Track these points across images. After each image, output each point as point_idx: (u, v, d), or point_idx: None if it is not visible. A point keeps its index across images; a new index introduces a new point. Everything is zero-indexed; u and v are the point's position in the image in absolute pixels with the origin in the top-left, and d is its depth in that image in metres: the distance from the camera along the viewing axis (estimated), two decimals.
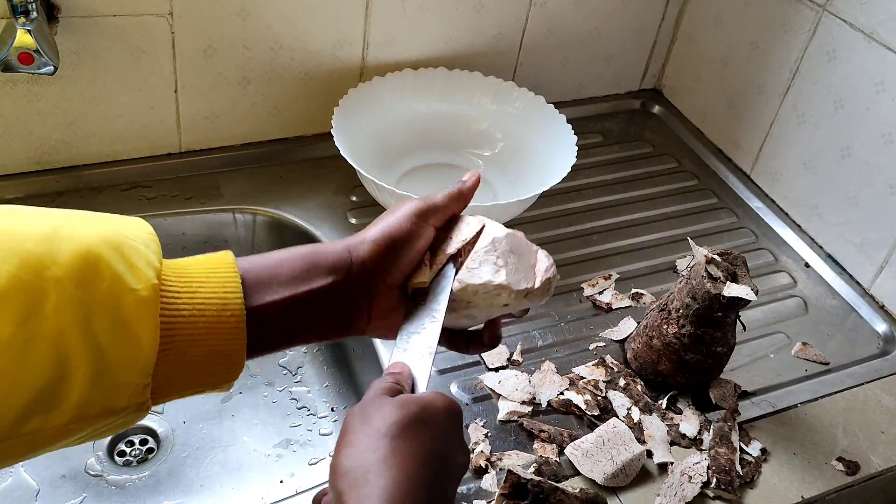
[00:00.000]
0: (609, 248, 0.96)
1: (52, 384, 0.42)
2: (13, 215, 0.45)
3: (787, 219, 1.03)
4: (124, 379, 0.45)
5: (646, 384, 0.78)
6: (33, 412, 0.42)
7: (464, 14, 1.01)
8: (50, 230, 0.44)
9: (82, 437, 0.46)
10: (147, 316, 0.45)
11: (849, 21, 0.91)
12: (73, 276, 0.43)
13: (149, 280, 0.46)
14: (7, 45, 0.73)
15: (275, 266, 0.53)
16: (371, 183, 0.86)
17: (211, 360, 0.49)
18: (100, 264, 0.44)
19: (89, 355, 0.43)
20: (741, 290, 0.70)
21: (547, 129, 0.99)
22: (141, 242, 0.47)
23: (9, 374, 0.41)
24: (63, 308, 0.42)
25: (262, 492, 0.78)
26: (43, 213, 0.46)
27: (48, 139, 0.88)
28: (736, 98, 1.09)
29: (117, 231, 0.47)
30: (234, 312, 0.48)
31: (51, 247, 0.43)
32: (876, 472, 0.74)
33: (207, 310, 0.48)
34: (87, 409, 0.44)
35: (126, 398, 0.45)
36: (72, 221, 0.46)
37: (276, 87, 0.96)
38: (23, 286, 0.42)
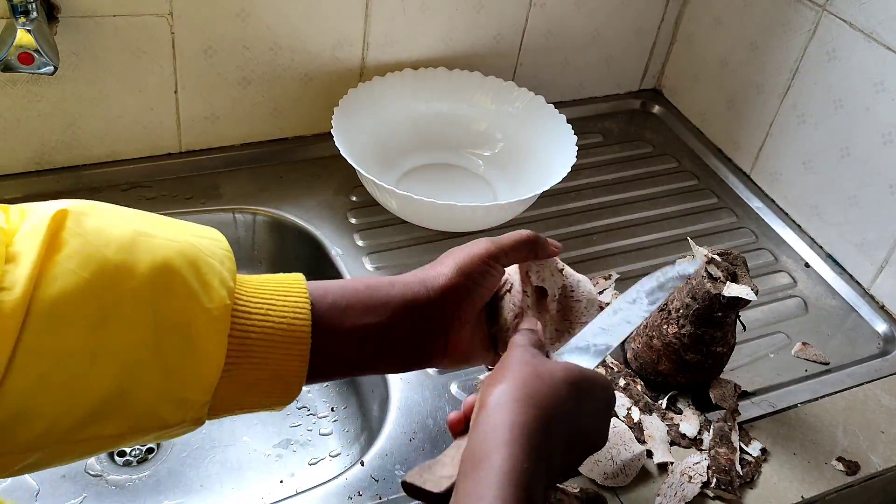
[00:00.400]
0: (609, 248, 0.96)
1: (114, 396, 0.42)
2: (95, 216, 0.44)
3: (787, 219, 1.03)
4: (186, 396, 0.45)
5: (646, 384, 0.78)
6: (93, 421, 0.42)
7: (464, 14, 1.01)
8: (129, 238, 0.44)
9: (134, 444, 0.46)
10: (216, 336, 0.45)
11: (849, 21, 0.91)
12: (148, 290, 0.43)
13: (222, 300, 0.46)
14: (7, 45, 0.73)
15: (350, 295, 0.52)
16: (371, 183, 0.86)
17: (271, 382, 0.49)
18: (175, 279, 0.44)
19: (155, 371, 0.43)
20: (741, 290, 0.70)
21: (547, 129, 0.99)
22: (217, 259, 0.47)
23: (74, 382, 0.41)
24: (135, 321, 0.42)
25: (262, 492, 0.78)
26: (124, 215, 0.46)
27: (48, 139, 0.88)
28: (736, 98, 1.09)
29: (195, 245, 0.46)
30: (301, 338, 0.48)
31: (129, 256, 0.43)
32: (876, 472, 0.74)
33: (276, 333, 0.48)
34: (145, 422, 0.44)
35: (184, 413, 0.46)
36: (151, 229, 0.46)
37: (276, 87, 0.96)
38: (98, 294, 0.42)
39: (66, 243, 0.42)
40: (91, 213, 0.44)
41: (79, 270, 0.41)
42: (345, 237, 0.90)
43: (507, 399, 0.46)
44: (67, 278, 0.41)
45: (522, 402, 0.46)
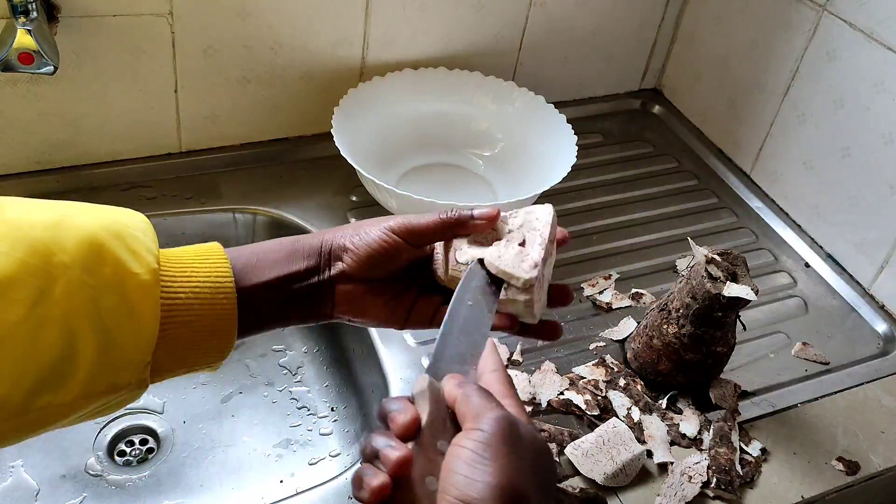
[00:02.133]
0: (609, 248, 0.96)
1: (60, 363, 0.45)
2: (19, 206, 0.47)
3: (787, 219, 1.03)
4: (128, 357, 0.48)
5: (646, 384, 0.78)
6: (43, 389, 0.44)
7: (464, 14, 1.01)
8: (55, 219, 0.47)
9: (86, 413, 0.48)
10: (149, 298, 0.48)
11: (849, 21, 0.91)
12: (80, 262, 0.46)
13: (149, 265, 0.49)
14: (7, 45, 0.73)
15: (261, 253, 0.56)
16: (371, 183, 0.86)
17: (205, 339, 0.51)
18: (103, 250, 0.47)
19: (96, 335, 0.46)
20: (741, 290, 0.70)
21: (547, 129, 0.99)
22: (139, 231, 0.50)
23: (20, 354, 0.43)
24: (71, 291, 0.45)
25: (262, 492, 0.78)
26: (46, 203, 0.49)
27: (48, 139, 0.88)
28: (736, 98, 1.09)
29: (117, 220, 0.50)
30: (227, 295, 0.52)
31: (57, 234, 0.46)
32: (876, 472, 0.74)
33: (202, 293, 0.51)
34: (93, 386, 0.46)
35: (128, 375, 0.48)
36: (73, 211, 0.48)
37: (276, 86, 0.96)
38: (33, 271, 0.44)
39: None
40: (11, 204, 0.47)
41: (10, 252, 0.43)
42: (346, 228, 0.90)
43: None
44: (1, 260, 0.43)
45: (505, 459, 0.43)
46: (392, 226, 0.56)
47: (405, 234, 0.56)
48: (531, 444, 0.46)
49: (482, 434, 0.43)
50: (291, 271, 0.56)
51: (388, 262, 0.57)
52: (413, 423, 0.45)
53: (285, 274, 0.55)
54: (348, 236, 0.57)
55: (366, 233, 0.57)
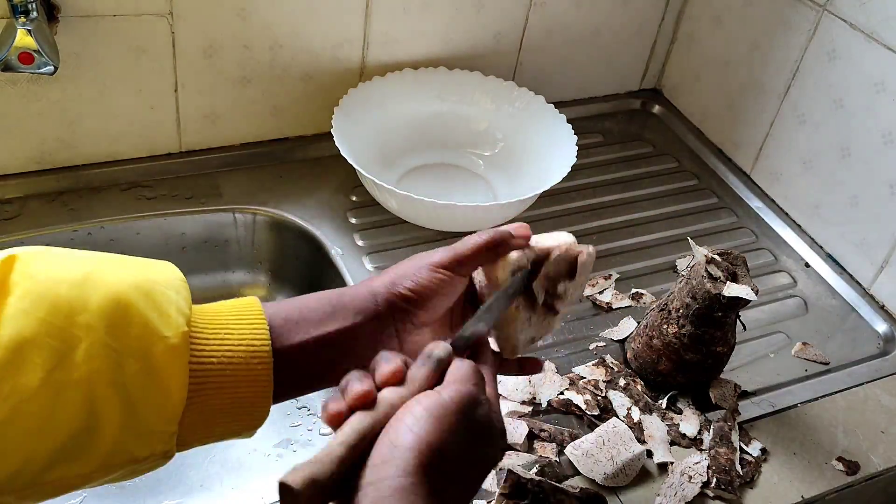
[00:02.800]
0: (609, 247, 0.96)
1: (80, 434, 0.42)
2: (45, 259, 0.44)
3: (787, 219, 1.03)
4: (152, 428, 0.45)
5: (646, 384, 0.78)
6: (60, 461, 0.42)
7: (464, 14, 1.01)
8: (81, 276, 0.44)
9: (103, 482, 0.46)
10: (177, 364, 0.45)
11: (849, 21, 0.91)
12: (104, 323, 0.43)
13: (179, 327, 0.45)
14: (7, 44, 0.73)
15: (302, 308, 0.52)
16: (371, 183, 0.86)
17: (237, 408, 0.48)
18: (130, 310, 0.44)
19: (118, 405, 0.43)
20: (741, 290, 0.70)
21: (547, 129, 0.99)
22: (171, 289, 0.47)
23: (38, 422, 0.41)
24: (93, 355, 0.42)
25: (262, 492, 0.78)
26: (74, 256, 0.46)
27: (48, 139, 0.88)
28: (736, 98, 1.09)
29: (147, 277, 0.46)
30: (262, 360, 0.48)
31: (83, 292, 0.43)
32: (876, 472, 0.74)
33: (235, 357, 0.47)
34: (114, 458, 0.44)
35: (152, 446, 0.45)
36: (103, 266, 0.45)
37: (276, 86, 0.96)
38: (54, 332, 0.41)
39: (17, 285, 0.42)
40: (39, 256, 0.44)
41: (32, 311, 0.41)
42: (345, 237, 0.90)
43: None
44: (21, 320, 0.41)
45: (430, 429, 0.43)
46: (440, 261, 0.54)
47: (455, 267, 0.55)
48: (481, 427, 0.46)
49: (440, 398, 0.44)
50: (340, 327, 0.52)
51: (447, 299, 0.55)
52: (394, 373, 0.45)
53: (333, 330, 0.52)
54: (402, 283, 0.54)
55: (418, 276, 0.54)
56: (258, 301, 0.51)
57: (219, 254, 0.93)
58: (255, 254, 0.94)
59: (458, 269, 0.55)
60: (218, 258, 0.93)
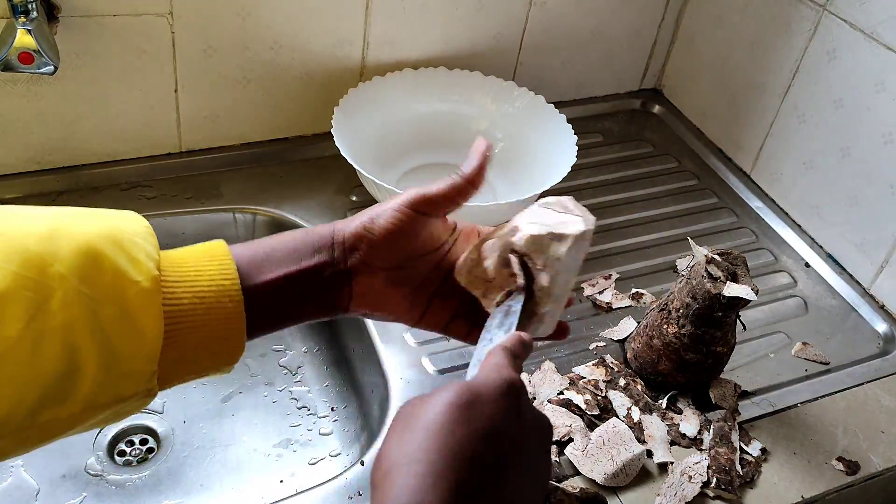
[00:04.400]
0: (609, 247, 0.96)
1: (62, 377, 0.44)
2: (10, 216, 0.46)
3: (787, 219, 1.03)
4: (132, 368, 0.46)
5: (646, 384, 0.78)
6: (46, 404, 0.43)
7: (464, 14, 1.01)
8: (49, 229, 0.45)
9: (93, 423, 0.47)
10: (151, 306, 0.46)
11: (849, 21, 0.91)
12: (77, 272, 0.44)
13: (150, 271, 0.47)
14: (7, 44, 0.73)
15: (268, 249, 0.55)
16: (371, 183, 0.86)
17: (213, 344, 0.50)
18: (101, 259, 0.45)
19: (97, 347, 0.44)
20: (741, 290, 0.70)
21: (547, 129, 0.99)
22: (139, 236, 0.49)
23: (21, 370, 0.42)
24: (69, 303, 0.44)
25: (262, 492, 0.78)
26: (40, 211, 0.47)
27: (48, 139, 0.88)
28: (736, 98, 1.09)
29: (115, 226, 0.48)
30: (233, 297, 0.50)
31: (52, 244, 0.44)
32: (876, 472, 0.74)
33: (207, 296, 0.49)
34: (98, 398, 0.45)
35: (134, 386, 0.47)
36: (70, 219, 0.47)
37: (276, 86, 0.96)
38: (28, 284, 0.43)
39: None
40: (3, 215, 0.46)
41: (4, 265, 0.42)
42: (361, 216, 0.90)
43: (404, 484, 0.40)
44: None
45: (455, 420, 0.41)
46: (405, 200, 0.55)
47: (420, 205, 0.55)
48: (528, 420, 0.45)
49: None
50: (302, 267, 0.54)
51: (406, 240, 0.55)
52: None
53: (296, 269, 0.54)
54: (362, 223, 0.55)
55: (379, 215, 0.55)
56: (224, 243, 0.53)
57: None
58: None
59: (423, 207, 0.56)
60: None
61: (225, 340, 0.50)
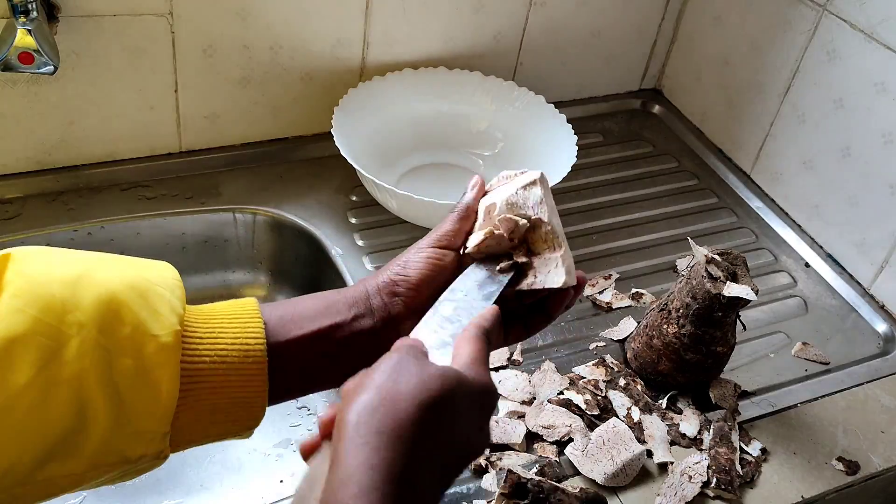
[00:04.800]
0: (609, 247, 0.96)
1: (70, 431, 0.42)
2: (40, 258, 0.44)
3: (787, 218, 1.03)
4: (143, 427, 0.44)
5: (646, 384, 0.78)
6: (50, 459, 0.42)
7: (464, 14, 1.01)
8: (75, 275, 0.44)
9: (95, 484, 0.45)
10: (168, 363, 0.45)
11: (849, 21, 0.91)
12: (96, 322, 0.43)
13: (171, 326, 0.45)
14: (7, 44, 0.73)
15: (297, 305, 0.52)
16: (371, 183, 0.86)
17: (231, 407, 0.48)
18: (122, 310, 0.44)
19: (109, 403, 0.43)
20: (741, 290, 0.70)
21: (547, 129, 0.99)
22: (165, 287, 0.47)
23: (28, 420, 0.40)
24: (84, 353, 0.42)
25: (262, 491, 0.78)
26: (69, 256, 0.46)
27: (48, 139, 0.88)
28: (736, 98, 1.09)
29: (141, 276, 0.46)
30: (257, 359, 0.48)
31: (75, 291, 0.43)
32: (876, 472, 0.74)
33: (229, 356, 0.47)
34: (104, 458, 0.44)
35: (144, 446, 0.45)
36: (97, 266, 0.45)
37: (276, 86, 0.96)
38: (45, 330, 0.41)
39: (11, 283, 0.42)
40: (34, 255, 0.44)
41: (24, 308, 0.41)
42: (345, 237, 0.90)
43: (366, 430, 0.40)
44: (13, 317, 0.41)
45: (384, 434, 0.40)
46: (425, 242, 0.55)
47: (440, 241, 0.55)
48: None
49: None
50: (335, 321, 0.51)
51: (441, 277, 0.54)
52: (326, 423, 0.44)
53: (328, 325, 0.51)
54: (394, 271, 0.54)
55: (408, 261, 0.54)
56: (255, 301, 0.50)
57: (219, 254, 0.93)
58: (255, 254, 0.94)
59: (443, 243, 0.55)
60: (218, 258, 0.93)
61: (245, 405, 0.48)
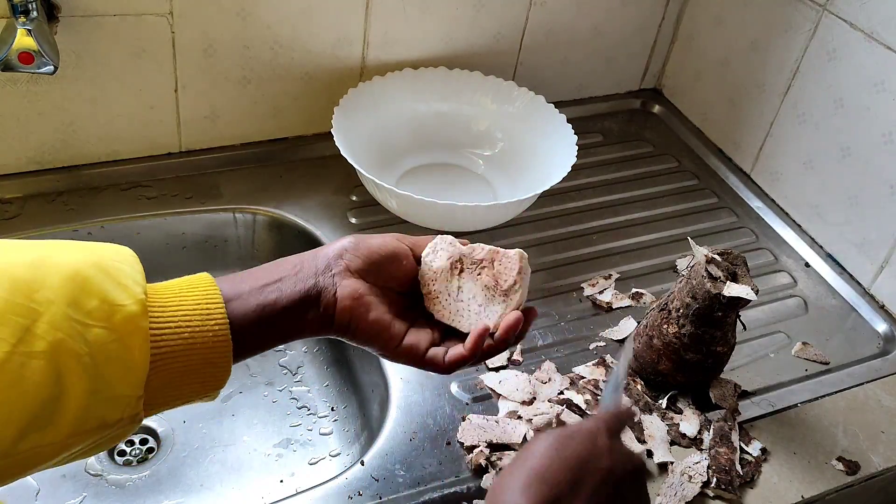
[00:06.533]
0: (609, 247, 0.96)
1: (48, 402, 0.43)
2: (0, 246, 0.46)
3: (787, 218, 1.03)
4: (118, 392, 0.46)
5: (646, 384, 0.78)
6: (31, 429, 0.43)
7: (464, 14, 1.01)
8: (36, 258, 0.46)
9: (77, 451, 0.47)
10: (137, 329, 0.47)
11: (849, 21, 0.91)
12: (64, 297, 0.45)
13: (137, 295, 0.48)
14: (7, 44, 0.73)
15: (248, 272, 0.56)
16: (371, 183, 0.86)
17: (200, 368, 0.51)
18: (88, 283, 0.46)
19: (84, 371, 0.44)
20: (741, 290, 0.70)
21: (547, 128, 0.99)
22: (125, 263, 0.49)
23: (6, 394, 0.42)
24: (56, 327, 0.44)
25: (262, 492, 0.78)
26: (26, 244, 0.48)
27: (48, 138, 0.88)
28: (736, 98, 1.09)
29: (100, 254, 0.49)
30: (218, 321, 0.51)
31: (39, 272, 0.45)
32: (876, 472, 0.74)
33: (193, 320, 0.50)
34: (83, 424, 0.45)
35: (120, 411, 0.47)
36: (55, 249, 0.48)
37: (276, 86, 0.96)
38: (15, 308, 0.43)
39: None
40: None
41: None
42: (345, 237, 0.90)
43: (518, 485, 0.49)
44: None
45: (547, 452, 0.50)
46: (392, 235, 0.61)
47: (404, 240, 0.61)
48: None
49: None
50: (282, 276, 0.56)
51: (389, 264, 0.59)
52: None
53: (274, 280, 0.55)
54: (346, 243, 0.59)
55: (364, 238, 0.59)
56: (208, 275, 0.54)
57: (219, 253, 0.93)
58: (256, 253, 0.94)
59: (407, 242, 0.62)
60: (218, 258, 0.93)
61: (212, 364, 0.51)
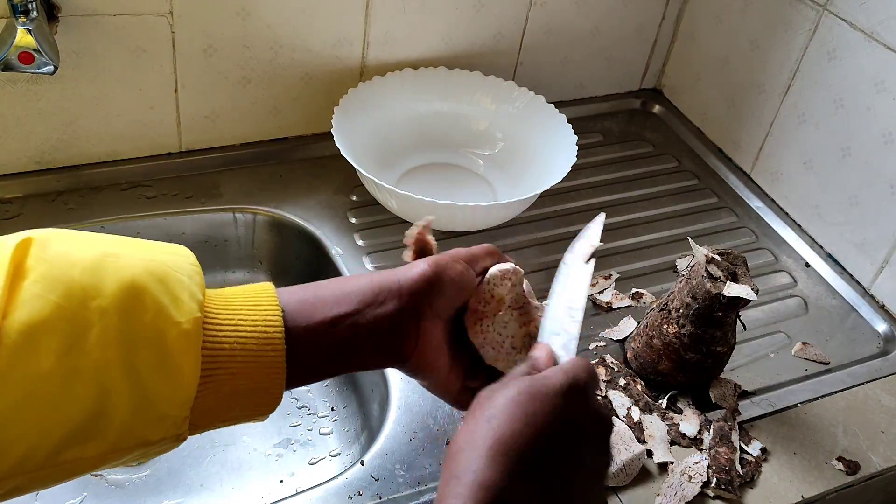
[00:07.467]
0: (609, 247, 0.96)
1: (91, 417, 0.42)
2: (60, 241, 0.45)
3: (787, 218, 1.03)
4: (164, 412, 0.45)
5: (646, 384, 0.78)
6: (71, 443, 0.42)
7: (464, 14, 1.01)
8: (95, 259, 0.44)
9: (116, 464, 0.46)
10: (189, 349, 0.45)
11: (849, 21, 0.91)
12: (118, 308, 0.43)
13: (192, 313, 0.46)
14: (7, 44, 0.73)
15: (319, 290, 0.53)
16: (371, 183, 0.86)
17: (250, 393, 0.49)
18: (143, 296, 0.44)
19: (130, 389, 0.43)
20: (741, 290, 0.70)
21: (547, 128, 0.99)
22: (185, 274, 0.47)
23: (49, 406, 0.41)
24: (106, 340, 0.42)
25: (262, 491, 0.78)
26: (89, 238, 0.46)
27: (48, 139, 0.88)
28: (736, 97, 1.09)
29: (162, 262, 0.47)
30: (275, 346, 0.48)
31: (96, 277, 0.43)
32: (876, 471, 0.74)
33: (249, 343, 0.48)
34: (125, 441, 0.44)
35: (164, 430, 0.46)
36: (117, 250, 0.46)
37: (276, 86, 0.96)
38: (67, 316, 0.42)
39: (32, 269, 0.42)
40: (55, 239, 0.44)
41: (46, 294, 0.41)
42: (345, 237, 0.90)
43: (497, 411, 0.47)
44: (35, 303, 0.41)
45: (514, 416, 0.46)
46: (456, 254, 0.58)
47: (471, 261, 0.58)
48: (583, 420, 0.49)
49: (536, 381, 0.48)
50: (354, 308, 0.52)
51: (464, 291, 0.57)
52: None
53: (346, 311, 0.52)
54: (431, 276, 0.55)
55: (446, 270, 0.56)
56: (272, 286, 0.51)
57: (219, 253, 0.93)
58: (255, 253, 0.94)
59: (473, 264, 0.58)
60: (218, 258, 0.93)
61: (263, 391, 0.49)
